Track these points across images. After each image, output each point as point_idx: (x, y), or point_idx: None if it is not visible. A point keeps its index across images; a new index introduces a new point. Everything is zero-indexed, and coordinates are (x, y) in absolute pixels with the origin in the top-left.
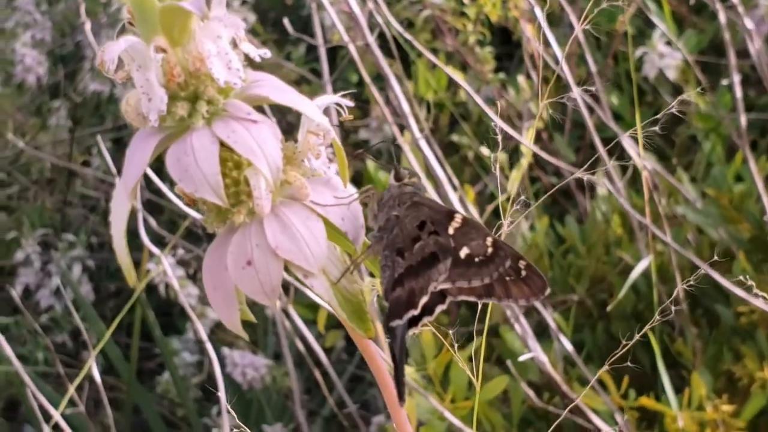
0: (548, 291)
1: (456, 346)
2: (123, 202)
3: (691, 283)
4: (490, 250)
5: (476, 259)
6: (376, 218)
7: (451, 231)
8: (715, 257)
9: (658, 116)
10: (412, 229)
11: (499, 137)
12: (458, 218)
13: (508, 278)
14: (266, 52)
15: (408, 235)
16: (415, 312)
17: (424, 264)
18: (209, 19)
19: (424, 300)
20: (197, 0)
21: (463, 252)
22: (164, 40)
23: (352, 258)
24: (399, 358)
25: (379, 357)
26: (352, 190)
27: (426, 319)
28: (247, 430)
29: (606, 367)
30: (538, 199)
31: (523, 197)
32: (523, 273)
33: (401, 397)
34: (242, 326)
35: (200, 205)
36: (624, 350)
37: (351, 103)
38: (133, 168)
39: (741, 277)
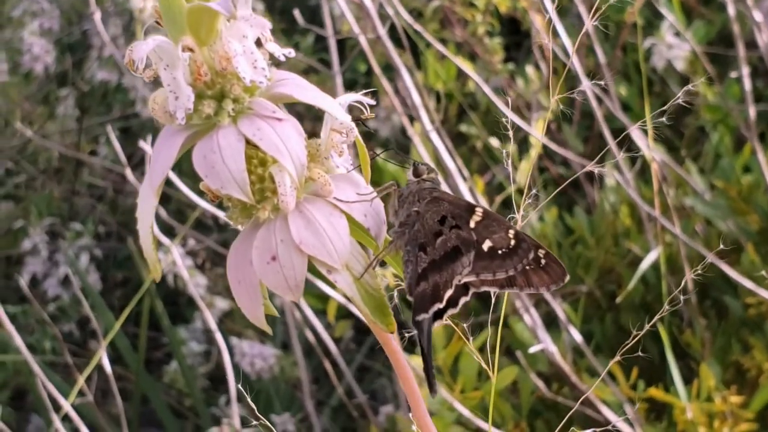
0: (567, 278)
1: (468, 337)
2: (149, 199)
3: (700, 273)
4: (512, 242)
5: (499, 252)
6: (397, 214)
7: (472, 224)
8: (722, 247)
9: (666, 107)
10: (434, 224)
11: (510, 130)
12: (479, 211)
13: (528, 267)
14: (291, 51)
15: (430, 229)
16: (441, 305)
17: (447, 258)
18: (236, 19)
19: (449, 293)
20: (224, 0)
21: (486, 245)
22: (191, 39)
23: (374, 254)
24: (427, 350)
25: (399, 350)
26: (372, 186)
27: (451, 312)
28: (264, 420)
29: (617, 358)
30: (547, 190)
31: (534, 190)
32: (543, 262)
33: (432, 388)
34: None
35: (225, 201)
36: (633, 341)
37: (373, 102)
38: (159, 165)
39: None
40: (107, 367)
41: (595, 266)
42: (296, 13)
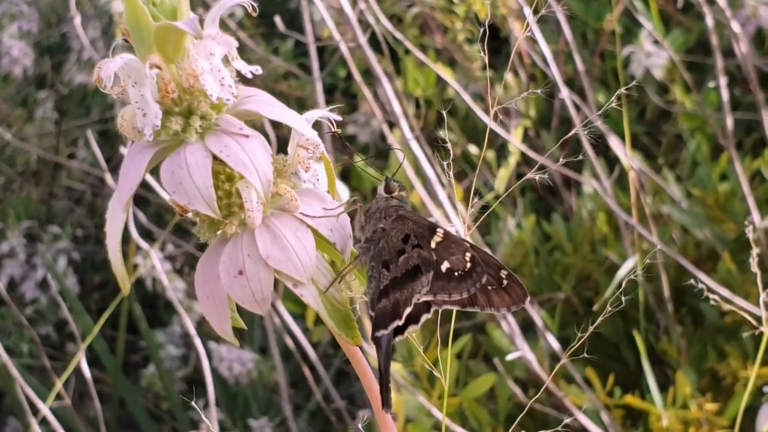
0: (528, 300)
1: (448, 342)
2: (118, 214)
3: (676, 280)
4: (468, 265)
5: (456, 273)
6: (363, 230)
7: (433, 245)
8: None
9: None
10: (398, 242)
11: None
12: (440, 232)
13: (490, 287)
14: (257, 69)
15: (393, 247)
16: (400, 322)
17: (407, 276)
18: (202, 38)
19: (408, 310)
20: (191, 20)
21: (445, 266)
22: (159, 57)
23: (340, 268)
24: (384, 366)
25: (364, 362)
26: (340, 199)
27: (411, 328)
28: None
29: (585, 355)
30: (524, 196)
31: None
32: (505, 282)
33: (386, 403)
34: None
35: (193, 216)
36: (578, 343)
37: (339, 118)
38: (128, 181)
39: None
40: (86, 370)
41: (572, 273)
42: (277, 19)
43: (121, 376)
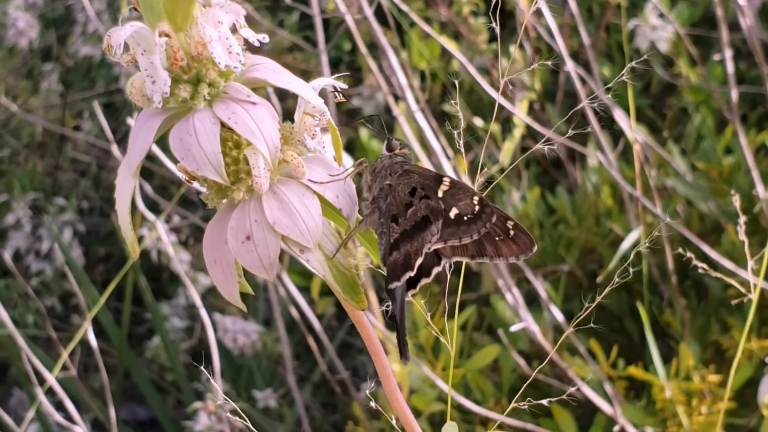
0: (536, 248)
1: (454, 314)
2: (127, 180)
3: (680, 253)
4: (477, 207)
5: (465, 218)
6: (370, 189)
7: (440, 194)
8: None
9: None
10: (405, 196)
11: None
12: (446, 181)
13: (497, 238)
14: (265, 37)
15: (401, 201)
16: (412, 273)
17: (417, 227)
18: (211, 6)
19: (419, 261)
20: None
21: (453, 212)
22: (168, 25)
23: (346, 234)
24: (400, 318)
25: (370, 327)
26: (346, 165)
27: (424, 281)
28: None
29: (591, 325)
30: (529, 169)
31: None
32: (512, 232)
33: (404, 354)
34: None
35: (201, 182)
36: (586, 314)
37: (345, 86)
38: (137, 147)
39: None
40: (93, 341)
41: (576, 246)
42: None
43: (126, 348)
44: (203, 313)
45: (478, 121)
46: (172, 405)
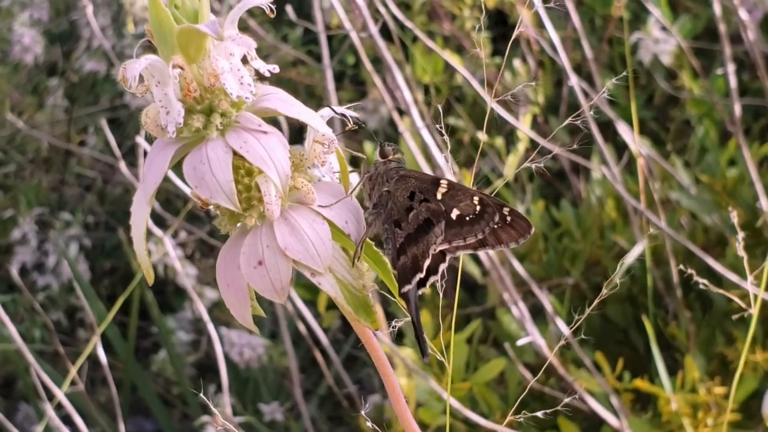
0: (533, 230)
1: (453, 327)
2: (143, 207)
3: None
4: (478, 207)
5: (467, 218)
6: (370, 196)
7: (439, 196)
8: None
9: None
10: (404, 200)
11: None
12: (444, 183)
13: (496, 226)
14: (275, 68)
15: (401, 206)
16: (422, 275)
17: (420, 230)
18: (223, 39)
19: (427, 262)
20: (212, 23)
21: (454, 213)
22: (181, 58)
23: (356, 247)
24: (416, 318)
25: (378, 346)
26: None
27: (432, 279)
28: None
29: (583, 336)
30: (533, 182)
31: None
32: (509, 219)
33: (424, 353)
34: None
35: (214, 209)
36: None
37: (356, 114)
38: (152, 175)
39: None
40: (102, 357)
41: (581, 259)
42: (288, 8)
43: (133, 362)
44: (210, 327)
45: (481, 135)
46: (179, 418)
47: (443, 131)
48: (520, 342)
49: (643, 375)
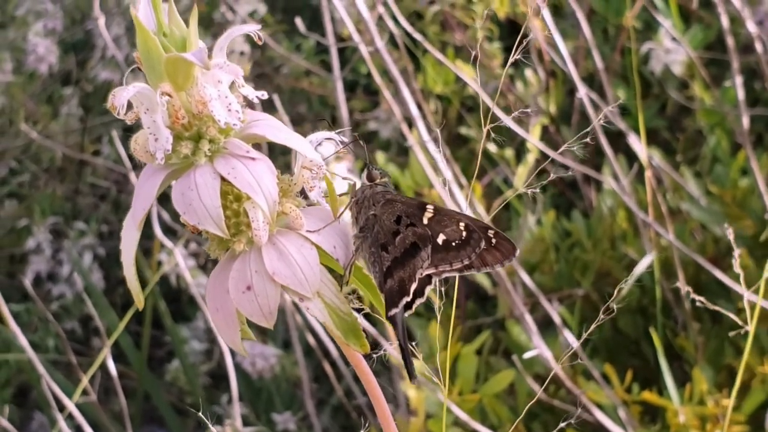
0: (518, 252)
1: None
2: (132, 232)
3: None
4: (464, 234)
5: (453, 243)
6: (356, 220)
7: (425, 221)
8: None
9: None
10: (391, 224)
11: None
12: (430, 209)
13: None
14: (263, 94)
15: (388, 230)
16: (408, 298)
17: (407, 254)
18: (210, 69)
19: (413, 286)
20: (199, 51)
21: (440, 238)
22: (169, 85)
23: (344, 272)
24: (403, 341)
25: (368, 370)
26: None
27: (418, 302)
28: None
29: (591, 341)
30: (545, 192)
31: (529, 190)
32: (493, 241)
33: (412, 374)
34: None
35: (204, 234)
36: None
37: (346, 139)
38: (141, 201)
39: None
40: (112, 368)
41: (591, 269)
42: (298, 20)
43: (146, 371)
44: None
45: (492, 146)
46: (192, 428)
47: (447, 146)
48: (526, 355)
49: (653, 386)
